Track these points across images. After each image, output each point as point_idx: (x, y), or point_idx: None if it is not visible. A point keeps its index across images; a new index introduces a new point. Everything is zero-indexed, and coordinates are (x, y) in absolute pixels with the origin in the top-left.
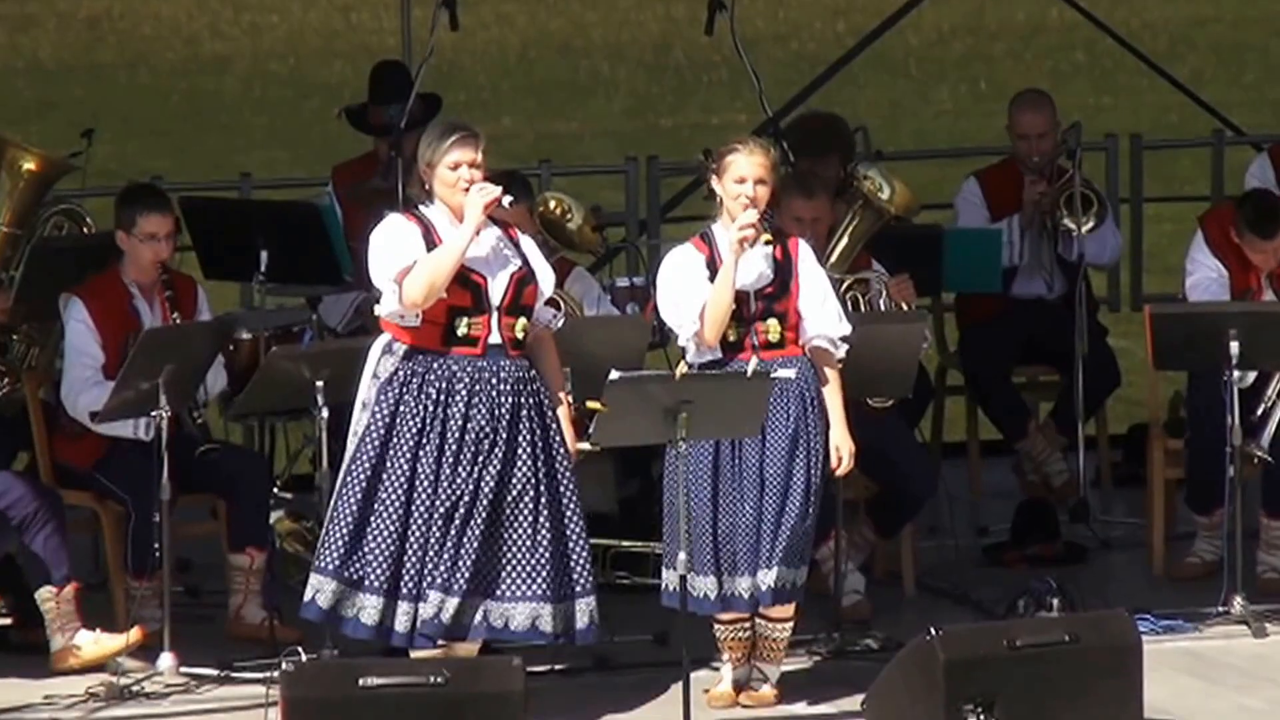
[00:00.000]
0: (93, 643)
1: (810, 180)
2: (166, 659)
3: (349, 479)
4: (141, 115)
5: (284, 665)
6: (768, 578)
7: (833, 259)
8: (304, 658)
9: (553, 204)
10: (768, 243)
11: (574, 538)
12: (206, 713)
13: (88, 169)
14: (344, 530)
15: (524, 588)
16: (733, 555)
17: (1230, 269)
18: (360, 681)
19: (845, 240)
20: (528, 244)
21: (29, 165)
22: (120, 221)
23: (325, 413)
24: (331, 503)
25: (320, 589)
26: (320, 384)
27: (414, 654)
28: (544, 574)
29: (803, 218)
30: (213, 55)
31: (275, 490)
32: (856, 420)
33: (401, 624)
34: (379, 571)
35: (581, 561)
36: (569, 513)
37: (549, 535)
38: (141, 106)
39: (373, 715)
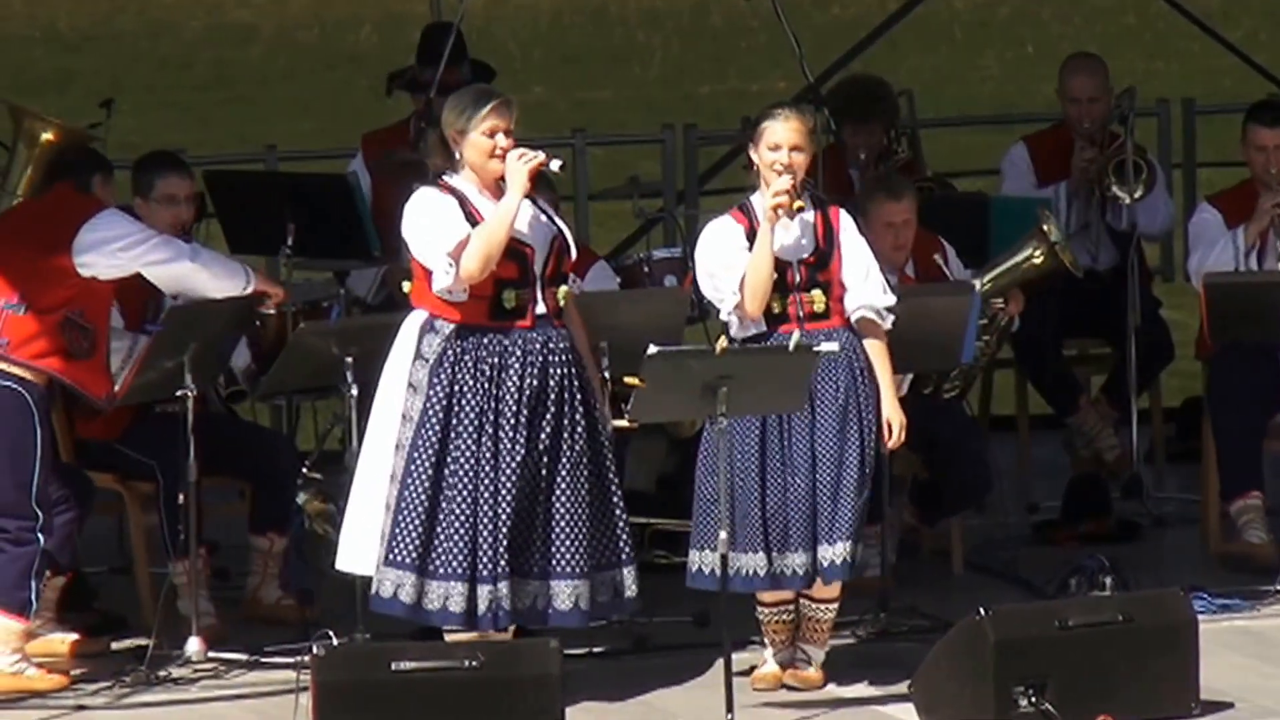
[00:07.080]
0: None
1: (896, 183)
2: (194, 643)
3: (413, 467)
4: (163, 86)
5: (315, 649)
6: (829, 553)
7: (986, 285)
8: (335, 641)
9: None
10: (799, 209)
11: (617, 505)
12: (236, 698)
13: (107, 141)
14: (417, 521)
15: (571, 565)
16: (784, 531)
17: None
18: (393, 665)
19: (1011, 277)
20: (551, 210)
21: (47, 136)
22: (138, 188)
23: (355, 390)
24: (397, 493)
25: (400, 584)
26: (349, 360)
27: (448, 637)
28: (585, 550)
29: (893, 221)
30: (237, 24)
31: (304, 471)
32: (919, 409)
33: (483, 607)
34: (459, 559)
35: (625, 529)
36: (610, 482)
37: (595, 509)
38: (163, 77)
39: (406, 699)
